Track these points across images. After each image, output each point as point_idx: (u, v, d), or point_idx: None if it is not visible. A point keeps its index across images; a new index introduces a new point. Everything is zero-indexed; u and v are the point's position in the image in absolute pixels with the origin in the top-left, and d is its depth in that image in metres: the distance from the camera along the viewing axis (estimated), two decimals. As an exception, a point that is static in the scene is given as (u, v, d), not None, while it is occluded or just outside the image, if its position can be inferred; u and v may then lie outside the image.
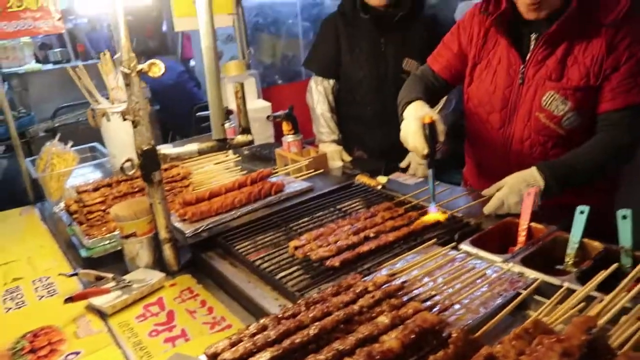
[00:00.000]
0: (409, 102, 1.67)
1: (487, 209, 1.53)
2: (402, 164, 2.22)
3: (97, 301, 1.42)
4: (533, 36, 1.61)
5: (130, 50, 1.46)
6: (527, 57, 1.62)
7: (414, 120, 1.56)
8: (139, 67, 1.47)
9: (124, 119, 1.50)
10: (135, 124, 1.48)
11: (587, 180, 1.58)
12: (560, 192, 1.49)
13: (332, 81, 2.58)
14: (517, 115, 1.67)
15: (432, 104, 1.79)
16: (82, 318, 1.39)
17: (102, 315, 1.39)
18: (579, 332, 0.72)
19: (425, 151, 1.52)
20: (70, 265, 1.73)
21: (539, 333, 0.79)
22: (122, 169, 1.48)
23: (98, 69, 2.46)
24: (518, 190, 1.48)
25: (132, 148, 1.51)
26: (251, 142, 1.62)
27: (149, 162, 1.50)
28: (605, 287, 1.01)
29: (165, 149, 1.55)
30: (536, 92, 1.60)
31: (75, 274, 1.54)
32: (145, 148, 1.49)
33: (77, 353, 1.25)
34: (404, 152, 2.32)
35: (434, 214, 1.51)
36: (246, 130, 1.63)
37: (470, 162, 2.02)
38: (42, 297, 1.54)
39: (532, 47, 1.61)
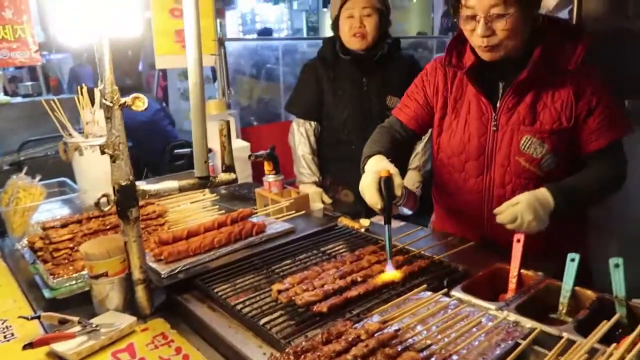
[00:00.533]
0: (370, 156, 1.66)
1: (501, 218, 1.50)
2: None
3: (61, 347, 1.30)
4: (501, 85, 1.65)
5: (114, 83, 1.42)
6: (498, 105, 1.65)
7: (370, 174, 1.52)
8: (122, 100, 1.42)
9: (103, 153, 1.43)
10: (114, 159, 1.41)
11: (589, 203, 1.63)
12: (567, 213, 1.50)
13: (313, 123, 2.61)
14: (495, 161, 1.68)
15: (399, 155, 1.79)
16: (42, 366, 1.27)
17: (65, 363, 1.28)
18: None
19: (379, 205, 1.47)
20: (30, 307, 1.60)
21: (549, 387, 0.75)
22: (97, 204, 1.40)
23: (71, 103, 2.40)
24: (534, 208, 1.45)
25: (105, 183, 1.43)
26: (235, 180, 1.57)
27: (126, 198, 1.42)
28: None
29: (143, 185, 1.48)
30: (512, 137, 1.63)
31: (37, 317, 1.42)
32: (124, 183, 1.42)
33: (35, 406, 1.12)
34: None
35: (388, 273, 1.41)
36: (230, 168, 1.58)
37: (440, 211, 2.00)
38: (-2, 342, 1.41)
39: (500, 95, 1.65)
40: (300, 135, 2.60)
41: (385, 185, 1.46)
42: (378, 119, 2.39)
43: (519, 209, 1.46)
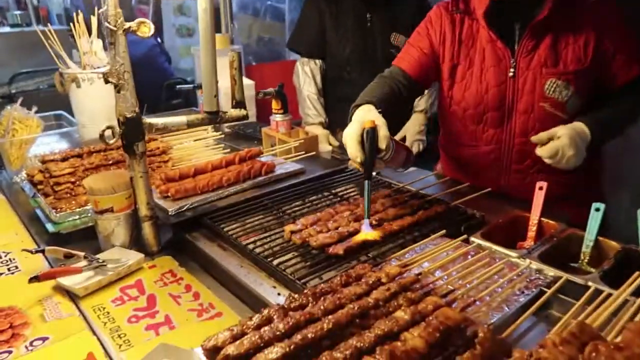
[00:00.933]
0: (359, 106, 1.51)
1: (542, 152, 1.42)
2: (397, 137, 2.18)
3: (67, 281, 1.27)
4: (517, 26, 1.55)
5: (117, 5, 1.30)
6: (516, 49, 1.56)
7: (354, 124, 1.36)
8: (127, 24, 1.31)
9: (107, 82, 1.34)
10: (118, 88, 1.33)
11: (617, 135, 1.58)
12: (600, 145, 1.48)
13: (318, 62, 2.51)
14: (516, 109, 1.60)
15: (397, 108, 1.68)
16: (49, 300, 1.24)
17: (72, 297, 1.25)
18: (639, 340, 0.66)
19: (358, 159, 1.32)
20: (33, 241, 1.56)
21: (586, 338, 0.72)
22: (101, 137, 1.33)
23: (63, 36, 2.27)
24: (575, 142, 1.40)
25: (105, 118, 1.36)
26: (245, 116, 1.50)
27: (132, 131, 1.35)
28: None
29: (150, 118, 1.40)
30: (535, 82, 1.55)
31: (42, 251, 1.38)
32: (129, 115, 1.34)
33: (44, 339, 1.10)
34: (395, 131, 2.23)
35: (365, 233, 1.27)
36: (240, 103, 1.50)
37: (449, 161, 1.93)
38: (2, 274, 1.37)
39: (517, 38, 1.56)
40: (305, 75, 2.49)
41: (368, 136, 1.30)
42: (381, 58, 2.34)
43: (561, 144, 1.39)
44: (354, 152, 1.32)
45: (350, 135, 1.34)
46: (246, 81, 2.67)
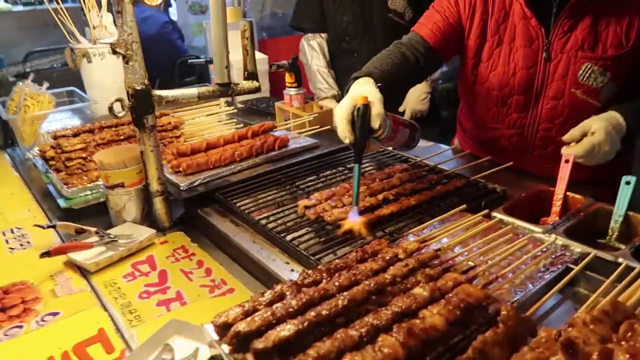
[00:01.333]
0: (356, 78, 1.37)
1: (576, 151, 1.26)
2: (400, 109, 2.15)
3: (78, 257, 1.26)
4: (555, 3, 1.41)
5: (124, -29, 1.25)
6: (552, 29, 1.43)
7: (346, 100, 1.23)
8: (134, -8, 1.26)
9: (114, 52, 1.30)
10: (127, 59, 1.29)
11: None
12: (636, 135, 1.36)
13: (324, 35, 2.47)
14: (545, 94, 1.49)
15: (409, 79, 1.59)
16: (60, 275, 1.23)
17: (83, 272, 1.23)
18: (680, 318, 0.61)
19: (347, 140, 1.20)
20: (45, 217, 1.55)
21: (620, 317, 0.67)
22: (110, 110, 1.29)
23: (73, 13, 2.25)
24: (611, 136, 1.25)
25: (116, 94, 1.31)
26: (258, 88, 1.45)
27: (141, 104, 1.32)
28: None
29: (160, 91, 1.36)
30: (568, 67, 1.42)
31: (53, 226, 1.36)
32: (138, 88, 1.30)
33: (56, 314, 1.09)
34: (397, 103, 2.17)
35: (350, 222, 1.17)
36: (253, 75, 1.45)
37: (467, 138, 1.83)
38: (14, 249, 1.36)
39: (554, 16, 1.42)
40: (312, 49, 2.44)
41: (359, 114, 1.17)
42: (380, 24, 2.29)
43: (597, 140, 1.25)
44: (343, 131, 1.20)
45: (340, 113, 1.21)
46: (259, 55, 2.61)
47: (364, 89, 1.27)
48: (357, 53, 2.37)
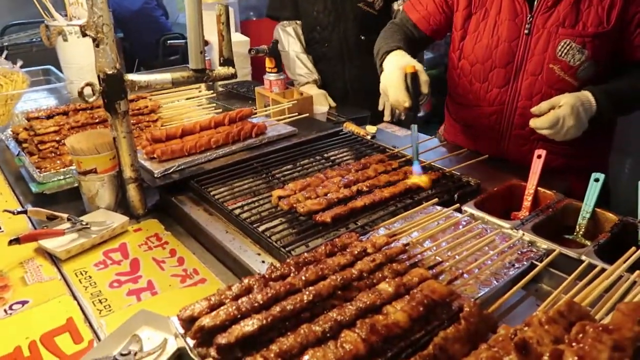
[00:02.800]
0: (388, 52, 1.52)
1: (541, 122, 1.35)
2: (379, 108, 2.19)
3: (49, 244, 1.24)
4: None
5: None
6: (535, 3, 1.46)
7: (396, 70, 1.42)
8: (105, -30, 1.23)
9: (84, 35, 1.26)
10: (97, 42, 1.26)
11: (631, 110, 1.49)
12: (609, 118, 1.40)
13: (299, 22, 2.44)
14: (524, 69, 1.52)
15: (412, 55, 1.62)
16: (30, 262, 1.22)
17: (54, 260, 1.22)
18: (630, 322, 0.62)
19: (407, 104, 1.38)
20: (17, 201, 1.53)
21: (574, 317, 0.69)
22: (80, 94, 1.27)
23: None
24: (577, 112, 1.32)
25: (93, 73, 1.29)
26: (233, 75, 1.43)
27: (113, 89, 1.29)
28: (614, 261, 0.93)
29: (133, 75, 1.34)
30: (549, 42, 1.46)
31: (24, 212, 1.34)
32: (110, 72, 1.27)
33: (24, 302, 1.08)
34: (373, 94, 2.18)
35: (416, 177, 1.35)
36: (228, 61, 1.43)
37: (453, 122, 1.86)
38: (-17, 235, 1.35)
39: None
40: (289, 35, 2.42)
41: (412, 81, 1.38)
42: (351, 16, 2.30)
43: (562, 112, 1.32)
44: (402, 97, 1.38)
45: (396, 82, 1.40)
46: (240, 37, 2.57)
47: (407, 59, 1.46)
48: (327, 43, 2.37)
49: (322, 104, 2.15)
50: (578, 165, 1.54)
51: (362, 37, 2.30)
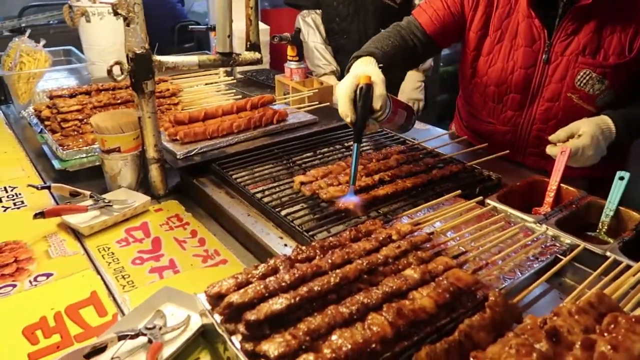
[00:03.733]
0: (358, 57, 1.37)
1: (558, 151, 1.27)
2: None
3: (73, 219, 1.26)
4: (561, 3, 1.38)
5: None
6: (554, 31, 1.40)
7: (349, 79, 1.22)
8: (138, -50, 1.23)
9: (116, 14, 1.27)
10: (128, 21, 1.27)
11: None
12: (628, 143, 1.35)
13: (319, 11, 2.44)
14: (541, 96, 1.47)
15: (406, 63, 1.57)
16: (54, 236, 1.23)
17: (77, 235, 1.24)
18: (662, 314, 0.62)
19: (349, 119, 1.20)
20: (39, 177, 1.55)
21: (604, 309, 0.69)
22: (109, 72, 1.28)
23: None
24: (597, 141, 1.25)
25: (115, 56, 1.30)
26: (259, 60, 1.43)
27: (141, 68, 1.30)
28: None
29: (160, 57, 1.34)
30: (567, 71, 1.40)
31: (48, 187, 1.36)
32: (139, 52, 1.28)
33: (49, 275, 1.09)
34: (391, 86, 2.18)
35: (346, 202, 1.16)
36: (255, 46, 1.43)
37: (463, 125, 1.81)
38: (7, 208, 1.36)
39: (559, 17, 1.39)
40: (308, 26, 2.42)
41: (362, 94, 1.17)
42: (371, 8, 2.29)
43: (582, 143, 1.25)
44: (345, 110, 1.20)
45: (343, 91, 1.21)
46: (261, 26, 2.56)
47: (367, 69, 1.27)
48: (346, 35, 2.37)
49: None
50: (594, 175, 1.48)
51: (382, 30, 2.30)
